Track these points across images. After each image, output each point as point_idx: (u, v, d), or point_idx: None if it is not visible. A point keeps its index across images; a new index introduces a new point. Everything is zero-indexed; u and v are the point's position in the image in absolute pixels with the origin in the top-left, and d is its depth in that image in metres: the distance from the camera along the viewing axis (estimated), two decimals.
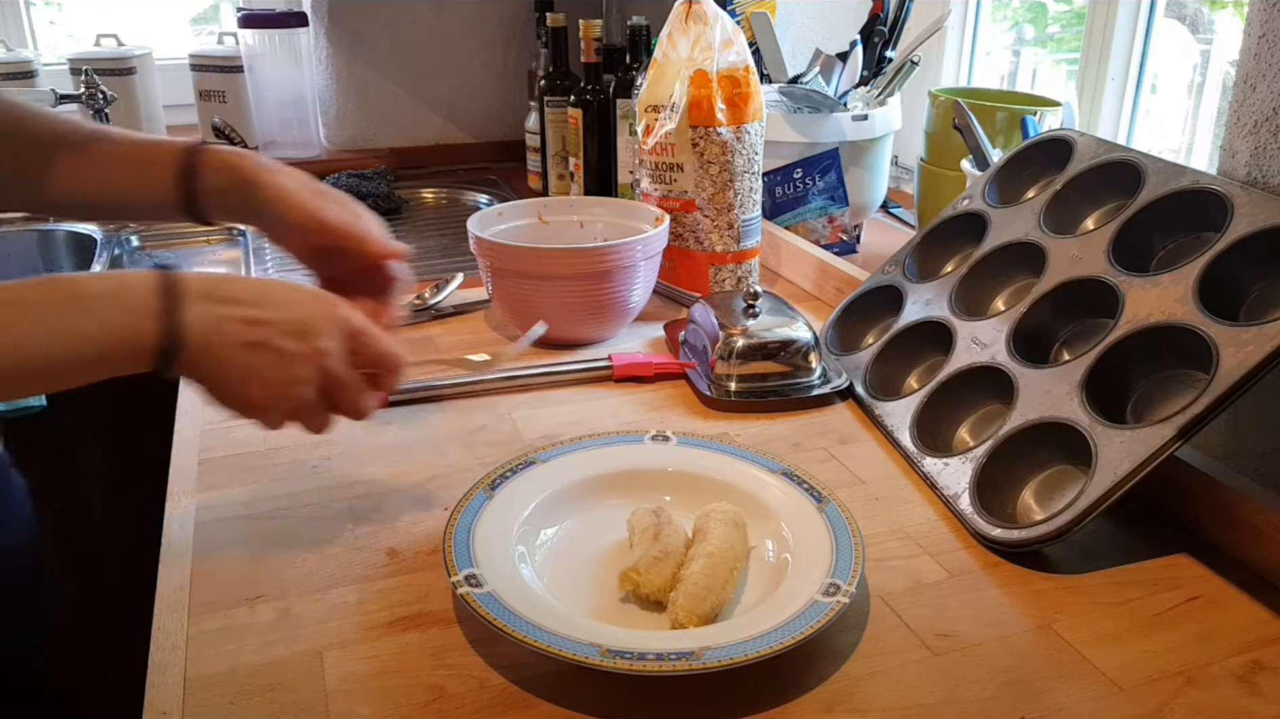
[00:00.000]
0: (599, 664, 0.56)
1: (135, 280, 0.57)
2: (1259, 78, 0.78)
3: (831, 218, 1.37)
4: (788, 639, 0.58)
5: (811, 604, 0.61)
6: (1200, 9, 1.31)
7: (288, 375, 0.60)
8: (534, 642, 0.57)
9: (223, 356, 0.59)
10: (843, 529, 0.68)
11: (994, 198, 0.98)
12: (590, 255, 1.00)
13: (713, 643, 0.58)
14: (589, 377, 0.98)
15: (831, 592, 0.62)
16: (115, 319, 0.56)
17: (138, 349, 0.56)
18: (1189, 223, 0.81)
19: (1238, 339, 0.69)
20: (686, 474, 0.76)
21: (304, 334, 0.61)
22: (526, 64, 1.89)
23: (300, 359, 0.61)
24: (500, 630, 0.58)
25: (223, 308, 0.59)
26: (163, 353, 0.57)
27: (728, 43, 1.09)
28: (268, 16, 1.75)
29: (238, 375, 0.59)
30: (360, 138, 1.91)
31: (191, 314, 0.57)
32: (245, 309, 0.60)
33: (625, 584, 0.64)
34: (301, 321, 0.61)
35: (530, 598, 0.62)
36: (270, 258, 1.44)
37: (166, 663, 0.60)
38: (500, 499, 0.71)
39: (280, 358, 0.60)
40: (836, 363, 0.98)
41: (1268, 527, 0.68)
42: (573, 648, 0.56)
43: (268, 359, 0.60)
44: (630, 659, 0.56)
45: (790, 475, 0.74)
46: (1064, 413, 0.75)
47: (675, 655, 0.56)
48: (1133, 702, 0.58)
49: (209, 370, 0.59)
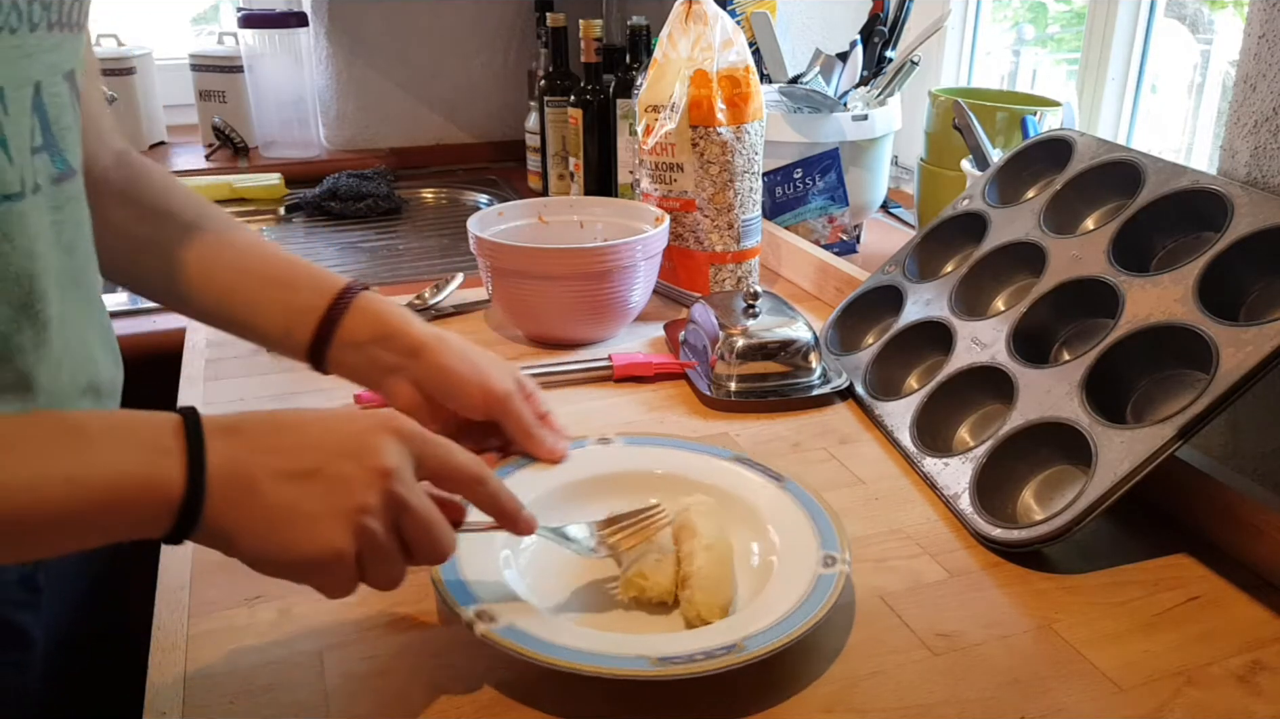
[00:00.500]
0: (655, 675, 0.54)
1: (145, 417, 0.48)
2: (1259, 78, 0.78)
3: (831, 218, 1.37)
4: (815, 614, 0.58)
5: (818, 579, 0.62)
6: (1200, 9, 1.31)
7: (348, 505, 0.48)
8: (581, 666, 0.54)
9: (264, 495, 0.47)
10: (811, 504, 0.69)
11: (994, 198, 0.98)
12: (590, 255, 1.00)
13: (746, 632, 0.57)
14: (589, 376, 0.98)
15: (830, 563, 0.63)
16: (127, 459, 0.45)
17: (156, 496, 0.45)
18: (1189, 223, 0.81)
19: (1238, 339, 0.69)
20: (642, 474, 0.74)
21: (360, 453, 0.50)
22: (526, 64, 1.89)
23: (359, 484, 0.49)
24: (541, 663, 0.55)
25: (255, 438, 0.49)
26: (187, 501, 0.45)
27: (728, 43, 1.09)
28: (268, 16, 1.75)
29: (284, 518, 0.47)
30: (360, 138, 1.91)
31: (218, 447, 0.47)
32: (283, 436, 0.50)
33: (630, 590, 0.63)
34: (354, 437, 0.51)
35: (548, 620, 0.60)
36: None
37: (166, 663, 0.60)
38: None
39: (335, 486, 0.49)
40: (836, 363, 0.98)
41: (1268, 527, 0.68)
42: (624, 664, 0.55)
43: (319, 490, 0.48)
44: (683, 663, 0.55)
45: (745, 461, 0.74)
46: (1064, 413, 0.75)
47: (721, 651, 0.56)
48: (1133, 702, 0.58)
49: (247, 517, 0.47)
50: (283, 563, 0.48)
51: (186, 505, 0.46)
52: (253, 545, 0.48)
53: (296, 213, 1.63)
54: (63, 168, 0.58)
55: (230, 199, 1.65)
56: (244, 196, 1.66)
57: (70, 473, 0.44)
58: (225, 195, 1.65)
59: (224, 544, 0.48)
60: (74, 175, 0.60)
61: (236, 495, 0.47)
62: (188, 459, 0.46)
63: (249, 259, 0.72)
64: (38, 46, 0.54)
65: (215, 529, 0.47)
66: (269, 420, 0.51)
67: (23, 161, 0.54)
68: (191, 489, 0.46)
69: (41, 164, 0.56)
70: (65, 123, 0.58)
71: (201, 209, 0.73)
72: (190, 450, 0.46)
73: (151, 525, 0.46)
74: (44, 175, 0.57)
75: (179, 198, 0.73)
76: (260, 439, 0.49)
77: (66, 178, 0.59)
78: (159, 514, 0.45)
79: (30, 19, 0.53)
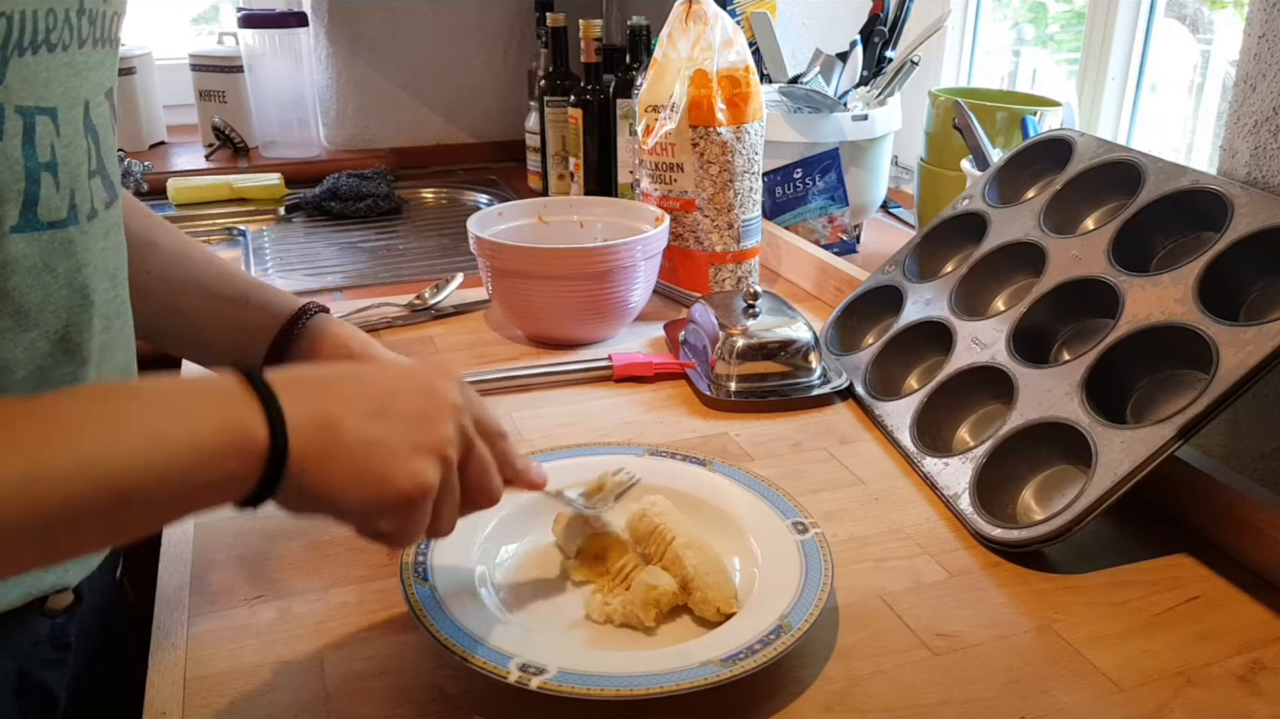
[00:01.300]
0: (733, 676, 0.54)
1: (206, 376, 0.47)
2: (1259, 78, 0.78)
3: (831, 218, 1.37)
4: (827, 575, 0.62)
5: (802, 545, 0.64)
6: (1200, 9, 1.31)
7: (431, 438, 0.48)
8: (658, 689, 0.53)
9: (347, 433, 0.46)
10: (749, 481, 0.71)
11: (994, 198, 0.98)
12: (590, 255, 1.00)
13: (780, 611, 0.59)
14: (589, 377, 0.98)
15: (802, 529, 0.66)
16: (204, 414, 0.43)
17: (240, 447, 0.43)
18: (1189, 223, 0.81)
19: (1238, 339, 0.69)
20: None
21: (430, 390, 0.50)
22: (526, 64, 1.89)
23: (436, 417, 0.49)
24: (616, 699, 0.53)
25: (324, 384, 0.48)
26: (273, 447, 0.44)
27: (728, 43, 1.09)
28: (268, 16, 1.75)
29: (372, 454, 0.47)
30: (360, 138, 1.91)
31: (291, 395, 0.45)
32: (350, 380, 0.49)
33: (649, 610, 0.61)
34: (421, 377, 0.51)
35: (588, 654, 0.59)
36: (270, 257, 1.44)
37: (166, 663, 0.60)
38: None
39: (415, 421, 0.48)
40: (836, 363, 0.98)
41: (1268, 527, 0.68)
42: (695, 675, 0.54)
43: (400, 426, 0.48)
44: (747, 657, 0.56)
45: (658, 453, 0.75)
46: (1064, 413, 0.75)
47: (772, 635, 0.57)
48: (1133, 702, 0.58)
49: (333, 458, 0.46)
50: (370, 502, 0.47)
51: (273, 452, 0.44)
52: (340, 487, 0.46)
53: (296, 213, 1.63)
54: (111, 192, 0.57)
55: (230, 199, 1.65)
56: (244, 196, 1.66)
57: (158, 430, 0.42)
58: (225, 195, 1.65)
59: (309, 493, 0.46)
60: (117, 200, 0.58)
61: (320, 437, 0.45)
62: (264, 407, 0.44)
63: (204, 278, 0.71)
64: (85, 64, 0.52)
65: (300, 476, 0.45)
66: (331, 369, 0.51)
67: (75, 186, 0.52)
68: (275, 435, 0.44)
69: (96, 189, 0.54)
70: (109, 144, 0.56)
71: (156, 227, 0.72)
72: (264, 399, 0.44)
73: (238, 482, 0.44)
74: (100, 200, 0.55)
75: (131, 214, 0.71)
76: (329, 384, 0.48)
77: (113, 202, 0.57)
78: (245, 467, 0.43)
79: (79, 35, 0.51)
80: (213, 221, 1.60)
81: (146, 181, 1.61)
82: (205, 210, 1.62)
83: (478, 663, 0.55)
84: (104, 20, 0.54)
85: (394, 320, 1.12)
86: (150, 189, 1.62)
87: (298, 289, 1.28)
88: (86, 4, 0.52)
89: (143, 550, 0.77)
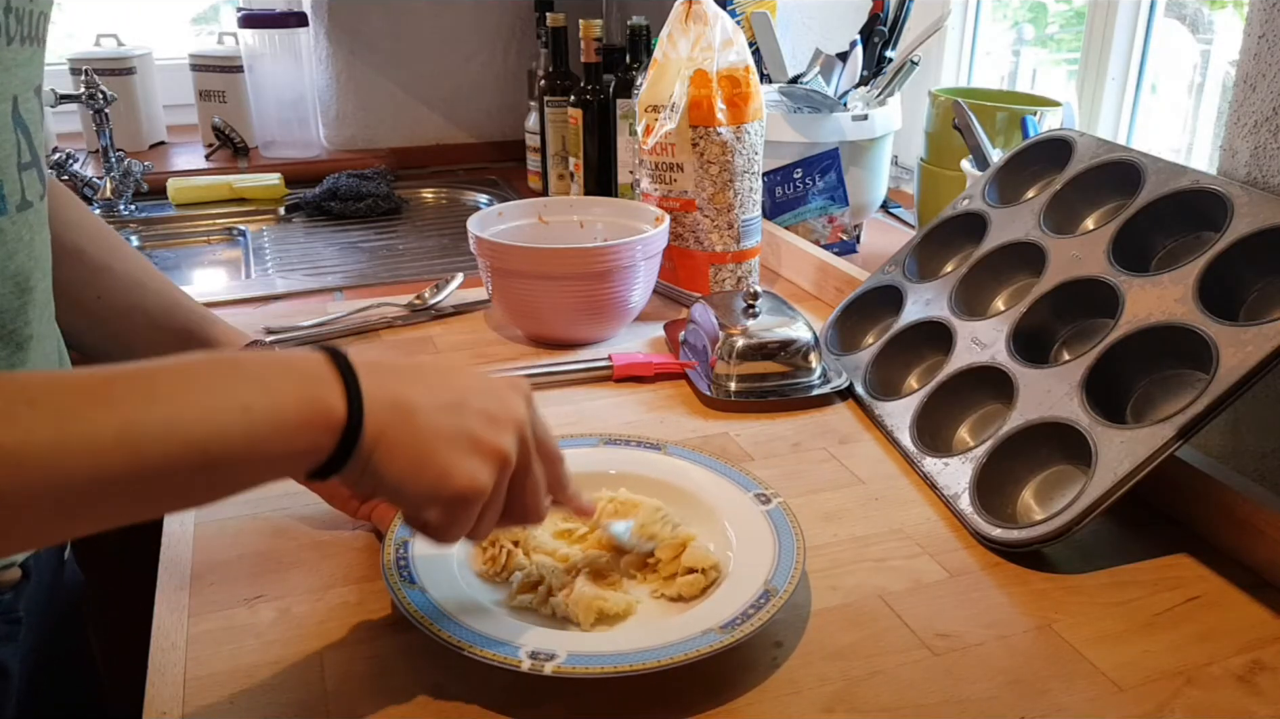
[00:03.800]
0: (733, 642, 0.56)
1: (296, 352, 0.49)
2: (1259, 78, 0.78)
3: (831, 218, 1.37)
4: (798, 540, 0.65)
5: (769, 515, 0.67)
6: (1200, 9, 1.31)
7: (496, 444, 0.50)
8: (670, 661, 0.54)
9: (420, 420, 0.48)
10: (701, 459, 0.74)
11: (994, 198, 0.98)
12: (590, 255, 1.00)
13: (764, 577, 0.62)
14: (589, 377, 0.98)
15: (765, 500, 0.69)
16: (289, 387, 0.45)
17: (318, 421, 0.45)
18: (1189, 223, 0.81)
19: (1238, 339, 0.69)
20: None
21: (501, 399, 0.52)
22: (526, 64, 1.89)
23: (503, 425, 0.51)
24: (630, 674, 0.54)
25: (403, 372, 0.50)
26: (349, 422, 0.46)
27: (728, 43, 1.09)
28: (268, 16, 1.75)
29: (440, 445, 0.49)
30: (360, 138, 1.91)
31: (371, 378, 0.47)
32: (428, 373, 0.51)
33: (591, 616, 0.62)
34: (493, 385, 0.53)
35: (583, 636, 0.60)
36: (270, 257, 1.44)
37: (166, 663, 0.60)
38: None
39: (485, 423, 0.50)
40: (836, 363, 0.98)
41: (1268, 527, 0.68)
42: (701, 644, 0.56)
43: (470, 424, 0.50)
44: (745, 622, 0.58)
45: (613, 442, 0.77)
46: (1064, 413, 0.75)
47: (761, 599, 0.60)
48: (1133, 702, 0.58)
49: (403, 442, 0.48)
50: (426, 492, 0.49)
51: (349, 427, 0.46)
52: (402, 471, 0.48)
53: (296, 213, 1.63)
54: (43, 184, 0.59)
55: (230, 199, 1.65)
56: (244, 196, 1.66)
57: (247, 402, 0.44)
58: (225, 195, 1.65)
59: (373, 472, 0.48)
60: (46, 193, 0.61)
61: (395, 419, 0.48)
62: (345, 385, 0.46)
63: (152, 309, 0.73)
64: (13, 60, 0.55)
65: (370, 455, 0.47)
66: (407, 362, 0.53)
67: (4, 178, 0.54)
68: (353, 411, 0.46)
69: (30, 180, 0.56)
70: (39, 139, 0.58)
71: (114, 250, 0.73)
72: (346, 378, 0.47)
73: (311, 455, 0.46)
74: (33, 192, 0.57)
75: (90, 234, 0.73)
76: (410, 372, 0.51)
77: (44, 195, 0.60)
78: (320, 440, 0.46)
79: (7, 33, 0.53)
80: (213, 222, 1.60)
81: (146, 181, 1.61)
82: (205, 210, 1.62)
83: (489, 657, 0.55)
84: (31, 19, 0.56)
85: (394, 320, 1.12)
86: (150, 189, 1.62)
87: (298, 289, 1.28)
88: (13, 3, 0.54)
89: (140, 545, 0.77)
